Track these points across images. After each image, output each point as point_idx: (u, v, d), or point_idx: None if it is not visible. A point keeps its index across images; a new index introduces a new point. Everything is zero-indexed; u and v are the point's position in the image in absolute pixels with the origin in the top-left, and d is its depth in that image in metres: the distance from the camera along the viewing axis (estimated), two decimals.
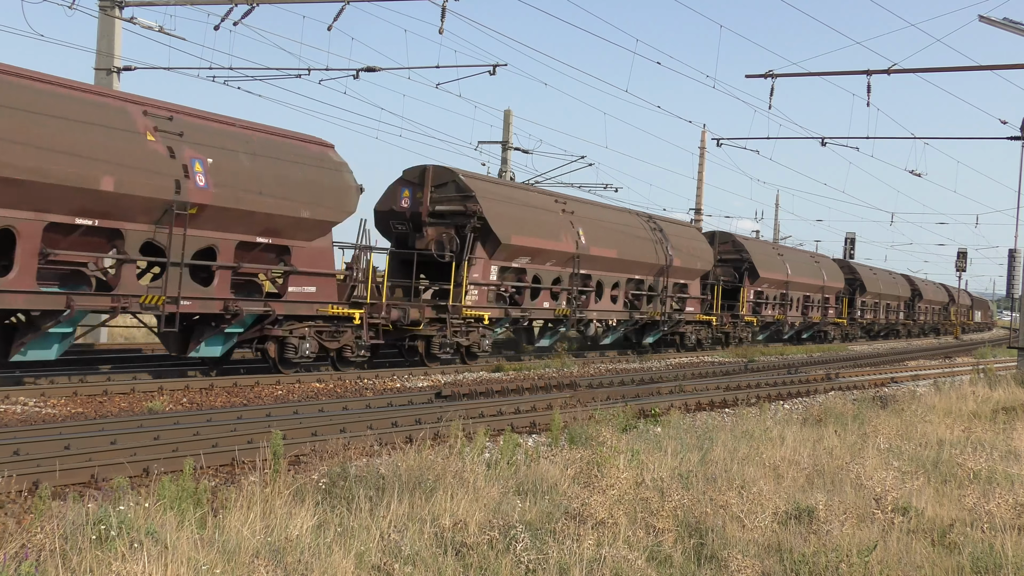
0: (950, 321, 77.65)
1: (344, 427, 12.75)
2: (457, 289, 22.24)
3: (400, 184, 23.67)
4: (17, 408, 13.76)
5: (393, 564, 5.88)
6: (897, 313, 61.78)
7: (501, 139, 37.15)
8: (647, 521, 7.16)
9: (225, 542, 5.92)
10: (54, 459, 9.50)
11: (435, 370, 21.90)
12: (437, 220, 23.01)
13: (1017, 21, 22.28)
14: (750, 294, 38.76)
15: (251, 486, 7.17)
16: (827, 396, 19.57)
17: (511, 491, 7.90)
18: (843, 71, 24.01)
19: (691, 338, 33.58)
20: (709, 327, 34.89)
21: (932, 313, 72.62)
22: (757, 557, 6.56)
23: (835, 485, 8.82)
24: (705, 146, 47.47)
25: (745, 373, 25.78)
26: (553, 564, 6.09)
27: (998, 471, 9.81)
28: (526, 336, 27.96)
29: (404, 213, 23.33)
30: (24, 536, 5.91)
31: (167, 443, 10.88)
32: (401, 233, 23.59)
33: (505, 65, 25.97)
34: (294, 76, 25.43)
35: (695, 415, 16.44)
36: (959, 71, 23.25)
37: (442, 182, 23.15)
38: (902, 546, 6.93)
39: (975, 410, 15.89)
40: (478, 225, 22.65)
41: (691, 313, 33.61)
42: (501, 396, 17.49)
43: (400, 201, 23.44)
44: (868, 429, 12.72)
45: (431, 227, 23.01)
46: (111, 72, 24.66)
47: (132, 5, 24.22)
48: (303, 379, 18.66)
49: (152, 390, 16.12)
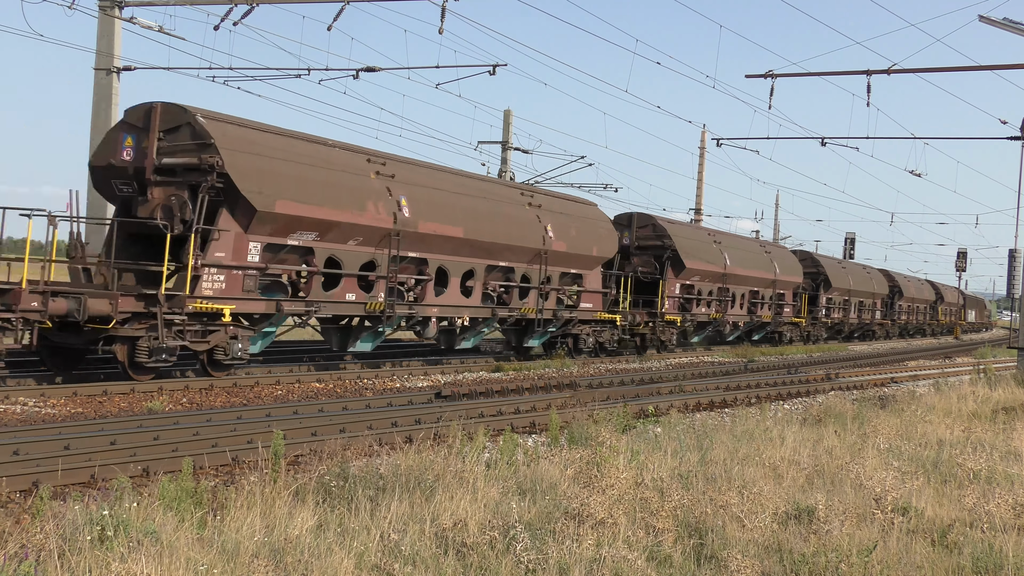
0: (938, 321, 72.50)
1: (344, 427, 12.74)
2: (183, 273, 16.51)
3: (121, 130, 17.69)
4: (17, 408, 13.76)
5: (393, 564, 5.88)
6: (872, 312, 55.74)
7: (501, 139, 37.18)
8: (647, 521, 7.16)
9: (225, 542, 5.92)
10: (54, 459, 9.50)
11: (435, 370, 21.90)
12: (166, 178, 17.07)
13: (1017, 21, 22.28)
14: (674, 288, 32.38)
15: (251, 486, 7.17)
16: (827, 396, 19.56)
17: (511, 491, 7.90)
18: (843, 71, 24.03)
19: (588, 341, 27.70)
20: (614, 327, 28.87)
21: (916, 313, 67.23)
22: (757, 557, 6.56)
23: (835, 485, 8.82)
24: (705, 146, 47.54)
25: (745, 373, 25.78)
26: (553, 564, 6.09)
27: (998, 471, 9.81)
28: (339, 339, 21.40)
29: (127, 168, 17.36)
30: (24, 536, 5.91)
31: (167, 443, 10.88)
32: (126, 196, 17.66)
33: (505, 65, 26.04)
34: (294, 76, 25.49)
35: (695, 415, 16.44)
36: (959, 71, 23.26)
37: (174, 125, 17.13)
38: (902, 546, 6.93)
39: (975, 410, 15.89)
40: (220, 184, 16.76)
41: (588, 310, 27.60)
42: (501, 396, 17.49)
43: (121, 152, 17.44)
44: (868, 429, 12.72)
45: (157, 187, 17.11)
46: (111, 72, 24.66)
47: (132, 5, 24.24)
48: (303, 379, 18.68)
49: (152, 390, 16.12)
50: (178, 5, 23.81)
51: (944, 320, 69.34)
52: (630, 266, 31.57)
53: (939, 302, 73.88)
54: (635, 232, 32.20)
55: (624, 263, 31.52)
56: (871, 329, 56.52)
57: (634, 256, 31.95)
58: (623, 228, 32.04)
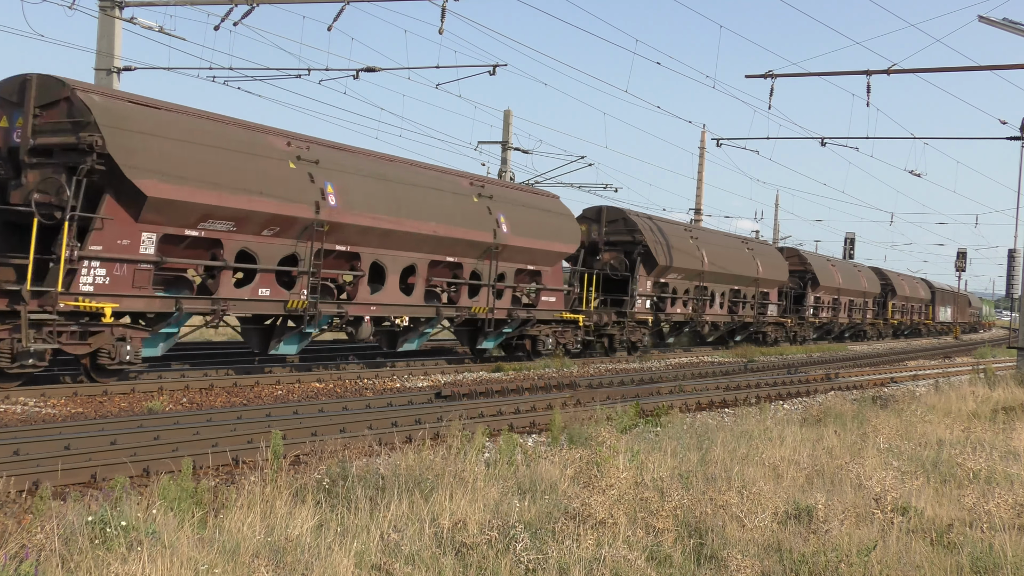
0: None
1: (344, 427, 12.76)
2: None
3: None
4: (17, 408, 13.77)
5: (393, 564, 5.88)
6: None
7: (501, 139, 37.19)
8: (647, 521, 7.16)
9: (225, 542, 5.92)
10: (54, 459, 9.51)
11: (435, 370, 21.90)
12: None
13: (1017, 21, 22.30)
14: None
15: (251, 486, 7.17)
16: (827, 396, 19.57)
17: (511, 491, 7.90)
18: (843, 71, 24.04)
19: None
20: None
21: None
22: (757, 557, 6.57)
23: (835, 485, 8.83)
24: (705, 146, 47.56)
25: (745, 373, 25.79)
26: (553, 564, 6.10)
27: (997, 471, 9.81)
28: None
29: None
30: (24, 536, 5.92)
31: (167, 443, 10.88)
32: None
33: (505, 65, 26.03)
34: (294, 76, 25.50)
35: (695, 415, 16.45)
36: (959, 71, 23.27)
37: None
38: (902, 546, 6.93)
39: (975, 410, 15.90)
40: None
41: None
42: (501, 396, 17.50)
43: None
44: (868, 429, 12.72)
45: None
46: (111, 72, 24.66)
47: (132, 5, 24.24)
48: (303, 379, 18.68)
49: (152, 390, 16.13)
50: (178, 5, 23.82)
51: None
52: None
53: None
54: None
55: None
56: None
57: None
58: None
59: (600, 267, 29.72)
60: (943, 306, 74.22)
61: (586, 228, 29.78)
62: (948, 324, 76.31)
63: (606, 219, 30.51)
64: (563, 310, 26.22)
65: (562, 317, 26.06)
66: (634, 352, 30.72)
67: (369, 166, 20.28)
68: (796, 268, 44.54)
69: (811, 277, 45.10)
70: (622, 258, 30.09)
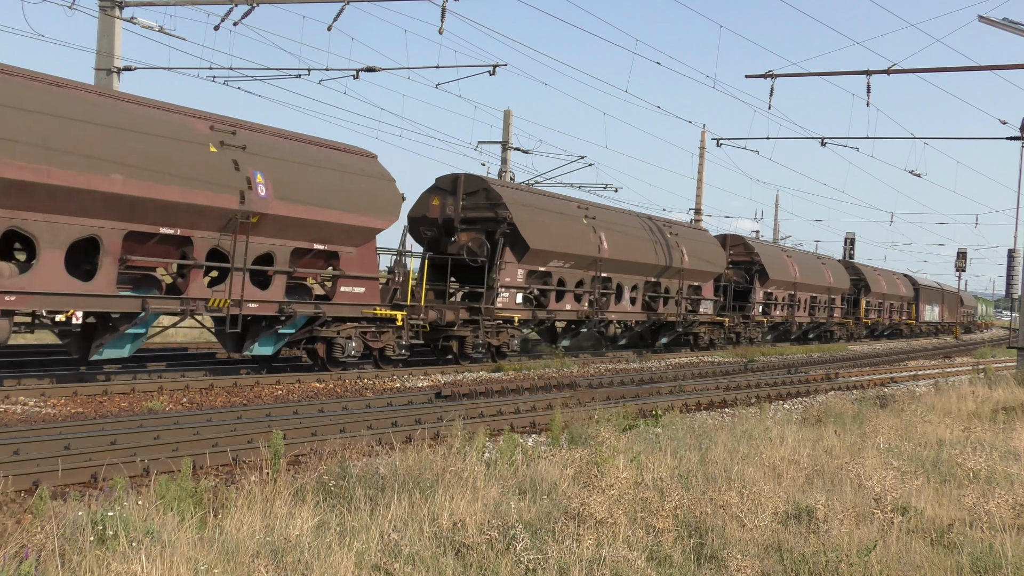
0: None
1: (344, 427, 12.76)
2: None
3: None
4: (17, 408, 13.77)
5: (393, 564, 5.88)
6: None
7: (501, 139, 37.21)
8: (647, 521, 7.16)
9: (225, 542, 5.92)
10: (54, 459, 9.51)
11: (435, 370, 21.89)
12: None
13: (1017, 21, 22.31)
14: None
15: (251, 486, 7.18)
16: (827, 396, 19.57)
17: (511, 491, 7.91)
18: (843, 71, 24.05)
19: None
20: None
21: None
22: (757, 557, 6.57)
23: (835, 485, 8.83)
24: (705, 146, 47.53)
25: (745, 373, 25.79)
26: (553, 564, 6.10)
27: (997, 471, 9.81)
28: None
29: None
30: (24, 536, 5.91)
31: (167, 443, 10.89)
32: None
33: (505, 65, 26.05)
34: (294, 76, 25.52)
35: (695, 415, 16.45)
36: (959, 71, 23.28)
37: None
38: (902, 546, 6.93)
39: (975, 410, 15.90)
40: None
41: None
42: (501, 396, 17.50)
43: None
44: (868, 429, 12.73)
45: None
46: (111, 72, 24.67)
47: (132, 5, 24.25)
48: (303, 379, 18.67)
49: (152, 390, 16.12)
50: (178, 5, 23.83)
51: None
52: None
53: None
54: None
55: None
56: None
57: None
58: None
59: (456, 250, 23.86)
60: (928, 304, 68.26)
61: (439, 201, 24.33)
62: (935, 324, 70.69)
63: (464, 190, 24.24)
64: (376, 304, 20.27)
65: (375, 314, 20.23)
66: (500, 358, 24.72)
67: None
68: (741, 259, 38.45)
69: (759, 269, 38.49)
70: (483, 240, 23.83)
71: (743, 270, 38.44)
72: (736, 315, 37.42)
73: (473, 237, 23.96)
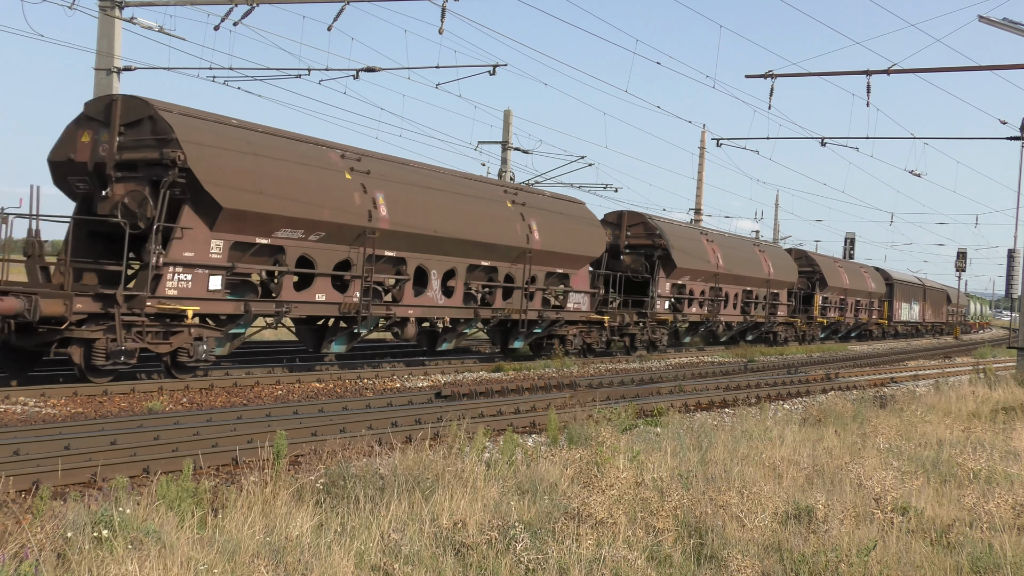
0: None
1: (344, 427, 12.75)
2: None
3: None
4: (17, 408, 13.77)
5: (393, 564, 5.89)
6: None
7: (501, 139, 37.19)
8: (647, 521, 7.17)
9: (225, 542, 5.92)
10: (54, 459, 9.50)
11: (435, 370, 21.90)
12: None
13: (1017, 21, 22.30)
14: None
15: (251, 486, 7.18)
16: (827, 396, 19.57)
17: (510, 491, 7.91)
18: (843, 71, 24.03)
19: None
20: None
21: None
22: (757, 557, 6.57)
23: (835, 485, 8.83)
24: (705, 146, 47.56)
25: (745, 373, 25.80)
26: (553, 564, 6.10)
27: (997, 471, 9.81)
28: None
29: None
30: (24, 536, 5.91)
31: (167, 443, 10.88)
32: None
33: (505, 65, 26.01)
34: (294, 76, 25.47)
35: (695, 415, 16.44)
36: (959, 71, 23.27)
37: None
38: (901, 546, 6.94)
39: (975, 410, 15.90)
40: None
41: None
42: (501, 396, 17.50)
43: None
44: (868, 429, 12.73)
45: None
46: (111, 72, 24.66)
47: (132, 5, 24.23)
48: (303, 379, 18.68)
49: (152, 390, 16.13)
50: (178, 5, 23.81)
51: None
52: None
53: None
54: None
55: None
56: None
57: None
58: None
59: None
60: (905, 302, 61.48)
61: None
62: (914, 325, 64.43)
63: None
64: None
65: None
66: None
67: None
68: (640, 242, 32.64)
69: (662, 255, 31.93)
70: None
71: (642, 255, 31.88)
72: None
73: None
